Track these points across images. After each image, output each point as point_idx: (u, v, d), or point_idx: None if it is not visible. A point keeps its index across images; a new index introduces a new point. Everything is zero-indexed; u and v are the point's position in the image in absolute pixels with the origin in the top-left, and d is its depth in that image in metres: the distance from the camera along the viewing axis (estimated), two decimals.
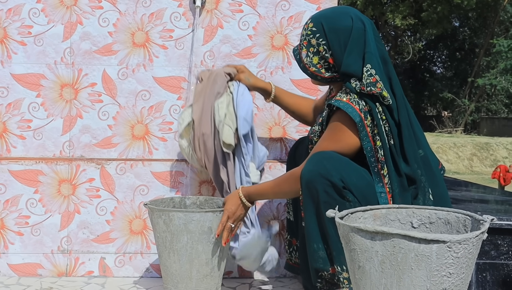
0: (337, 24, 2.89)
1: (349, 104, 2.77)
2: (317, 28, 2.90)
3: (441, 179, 2.96)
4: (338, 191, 2.67)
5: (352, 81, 2.81)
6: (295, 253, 3.32)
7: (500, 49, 31.82)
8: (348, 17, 2.90)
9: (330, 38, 2.88)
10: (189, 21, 3.60)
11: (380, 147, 2.76)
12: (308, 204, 2.76)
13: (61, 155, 3.57)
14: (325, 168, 2.68)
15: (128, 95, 3.59)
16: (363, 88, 2.76)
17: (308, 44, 2.93)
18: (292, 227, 3.31)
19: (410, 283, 2.08)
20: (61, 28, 3.56)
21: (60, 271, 3.57)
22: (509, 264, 3.16)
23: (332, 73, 2.92)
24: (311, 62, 2.94)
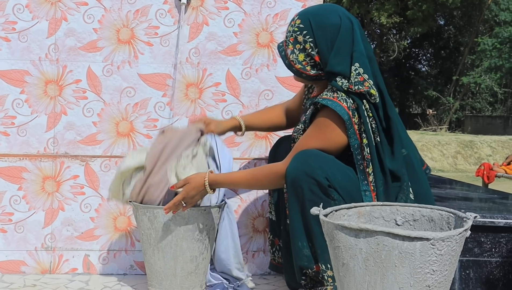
0: (325, 21, 2.87)
1: (337, 102, 2.76)
2: (305, 24, 2.88)
3: (424, 178, 2.96)
4: (323, 190, 2.67)
5: (338, 79, 2.80)
6: (278, 252, 3.31)
7: (484, 48, 31.91)
8: (336, 14, 2.89)
9: (317, 36, 2.86)
10: (174, 18, 3.60)
11: (367, 144, 2.76)
12: (293, 202, 2.75)
13: (45, 152, 3.56)
14: (311, 167, 2.68)
15: (113, 92, 3.58)
16: (351, 86, 2.76)
17: (294, 41, 2.91)
18: (275, 227, 3.31)
19: (394, 280, 2.09)
20: (45, 24, 3.54)
21: (43, 268, 3.56)
22: (492, 261, 3.17)
23: (318, 71, 2.91)
24: (296, 59, 2.91)
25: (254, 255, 3.66)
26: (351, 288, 2.19)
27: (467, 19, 35.48)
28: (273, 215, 3.30)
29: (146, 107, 3.59)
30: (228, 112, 3.61)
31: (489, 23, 35.02)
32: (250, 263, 3.65)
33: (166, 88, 3.60)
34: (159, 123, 3.60)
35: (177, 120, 3.60)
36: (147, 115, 3.60)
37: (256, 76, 3.62)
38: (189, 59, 3.61)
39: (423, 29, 31.08)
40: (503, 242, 3.17)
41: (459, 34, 37.36)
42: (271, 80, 3.63)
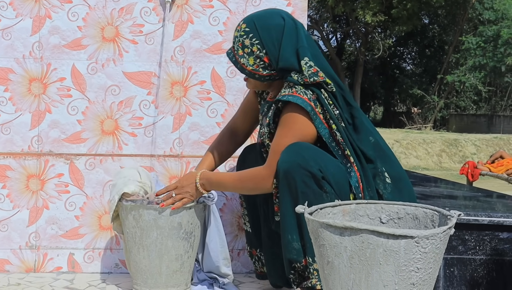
0: (269, 22, 2.94)
1: (297, 95, 2.81)
2: (250, 27, 2.94)
3: (396, 161, 3.00)
4: (317, 181, 2.69)
5: (293, 74, 2.87)
6: (258, 263, 3.32)
7: (469, 46, 32.01)
8: (280, 16, 2.97)
9: (263, 37, 2.92)
10: (159, 16, 3.59)
11: (337, 130, 2.82)
12: (285, 195, 2.77)
13: (29, 150, 3.54)
14: (304, 158, 2.70)
15: (98, 90, 3.57)
16: (306, 79, 2.81)
17: (242, 45, 2.96)
18: (251, 238, 3.32)
19: (379, 278, 2.09)
20: (29, 22, 3.53)
21: (28, 267, 3.55)
22: (476, 259, 3.18)
23: (270, 71, 2.95)
24: (247, 62, 2.96)
25: (239, 253, 3.66)
26: (336, 286, 2.19)
27: (452, 18, 35.59)
28: (247, 226, 3.30)
29: (131, 105, 3.59)
30: (213, 110, 3.61)
31: (473, 22, 35.14)
32: (236, 261, 3.65)
33: (151, 86, 3.60)
34: (144, 121, 3.59)
35: (162, 118, 3.59)
36: (132, 113, 3.59)
37: (241, 75, 3.61)
38: (174, 57, 3.60)
39: (408, 27, 31.17)
40: (487, 240, 3.18)
41: (443, 32, 37.50)
42: None
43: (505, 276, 3.19)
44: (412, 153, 21.30)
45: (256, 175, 2.89)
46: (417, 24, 32.20)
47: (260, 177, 2.86)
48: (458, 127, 32.33)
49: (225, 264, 3.24)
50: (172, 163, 3.61)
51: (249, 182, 2.91)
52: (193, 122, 3.61)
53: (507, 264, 3.19)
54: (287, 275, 2.89)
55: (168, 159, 3.61)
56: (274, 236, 3.03)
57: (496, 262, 3.19)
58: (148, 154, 3.60)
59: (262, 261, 3.28)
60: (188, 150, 3.62)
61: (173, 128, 3.61)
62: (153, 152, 3.59)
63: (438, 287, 3.15)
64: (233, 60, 3.02)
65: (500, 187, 11.57)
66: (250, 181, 2.91)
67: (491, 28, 31.11)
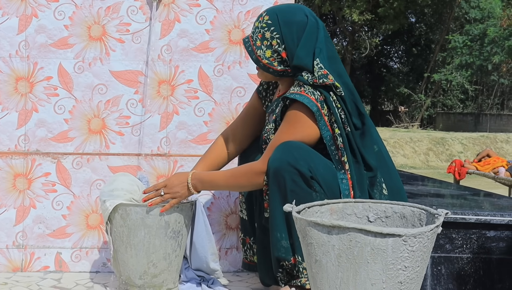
0: (292, 18, 2.94)
1: (304, 95, 2.82)
2: (272, 21, 2.94)
3: (397, 174, 3.02)
4: (306, 181, 2.71)
5: (304, 74, 2.87)
6: (249, 251, 3.33)
7: (455, 45, 32.12)
8: (303, 13, 2.97)
9: (284, 32, 2.92)
10: (146, 15, 3.59)
11: (339, 134, 2.82)
12: (274, 192, 2.78)
13: (16, 149, 3.53)
14: (294, 157, 2.71)
15: (85, 89, 3.56)
16: (316, 80, 2.82)
17: (262, 37, 2.96)
18: (246, 226, 3.32)
19: (366, 277, 2.10)
20: (15, 20, 3.51)
21: (15, 266, 3.54)
22: (464, 257, 3.19)
23: (284, 67, 2.96)
24: (264, 55, 2.96)
25: (227, 252, 3.66)
26: (323, 284, 2.20)
27: (438, 16, 35.70)
28: (244, 213, 3.30)
29: (118, 104, 3.58)
30: (200, 109, 3.60)
31: (459, 20, 35.28)
32: (223, 260, 3.65)
33: (138, 85, 3.59)
34: (131, 120, 3.58)
35: (149, 117, 3.59)
36: (119, 112, 3.58)
37: (228, 73, 3.62)
38: (161, 56, 3.60)
39: (395, 26, 31.22)
40: (474, 238, 3.19)
41: (430, 31, 37.59)
42: (243, 77, 3.63)
43: (492, 274, 3.20)
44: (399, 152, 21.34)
45: (249, 170, 2.90)
46: (403, 23, 32.26)
47: (253, 172, 2.87)
48: (445, 126, 32.42)
49: (213, 259, 3.24)
50: (160, 162, 3.61)
51: (242, 177, 2.92)
52: (180, 121, 3.61)
53: (494, 262, 3.20)
54: (275, 273, 2.89)
55: (156, 158, 3.61)
56: (266, 230, 3.03)
57: (483, 260, 3.20)
58: (136, 153, 3.60)
59: (253, 249, 3.28)
60: (175, 149, 3.62)
61: (160, 127, 3.61)
62: (141, 151, 3.59)
63: (426, 286, 3.16)
64: (249, 50, 3.02)
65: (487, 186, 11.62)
66: (243, 176, 2.91)
67: (477, 27, 31.24)
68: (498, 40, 29.70)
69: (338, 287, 2.15)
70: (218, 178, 3.00)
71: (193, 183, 3.00)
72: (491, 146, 22.04)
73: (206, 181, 3.01)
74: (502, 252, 3.21)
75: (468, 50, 31.68)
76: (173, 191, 3.01)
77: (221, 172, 3.07)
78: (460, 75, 32.37)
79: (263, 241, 3.07)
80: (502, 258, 3.20)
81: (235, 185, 2.98)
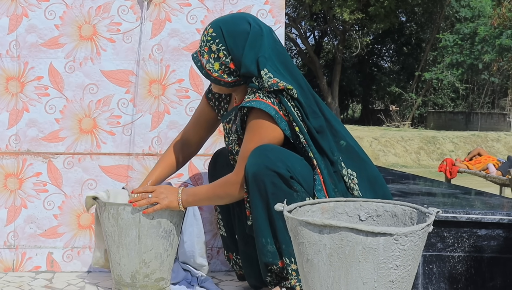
0: (235, 28, 2.94)
1: (260, 100, 2.82)
2: (217, 33, 2.94)
3: (371, 164, 3.01)
4: (286, 182, 2.71)
5: (254, 80, 2.88)
6: (236, 266, 3.34)
7: (446, 44, 32.16)
8: (246, 21, 2.96)
9: (228, 43, 2.92)
10: (136, 15, 3.59)
11: (299, 132, 2.82)
12: (255, 198, 2.77)
13: (7, 149, 3.53)
14: (270, 160, 2.72)
15: (76, 89, 3.56)
16: (266, 89, 2.82)
17: (209, 50, 2.96)
18: (227, 243, 3.34)
19: (358, 276, 2.10)
20: (6, 20, 3.51)
21: (6, 267, 3.54)
22: (455, 256, 3.20)
23: (235, 78, 2.97)
24: (213, 68, 2.96)
25: (218, 251, 3.66)
26: (315, 284, 2.20)
27: (428, 15, 35.73)
28: (223, 231, 3.32)
29: (109, 103, 3.58)
30: (191, 109, 3.61)
31: (450, 19, 35.32)
32: (215, 259, 3.66)
33: (129, 84, 3.59)
34: (122, 119, 3.58)
35: (141, 116, 3.59)
36: (110, 111, 3.58)
37: None
38: (152, 55, 3.60)
39: (385, 25, 31.25)
40: (465, 237, 3.20)
41: (420, 30, 37.64)
42: None
43: (484, 273, 3.21)
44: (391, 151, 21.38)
45: (225, 182, 2.91)
46: (394, 22, 32.27)
47: (229, 183, 2.88)
48: (436, 125, 32.48)
49: (201, 254, 3.24)
50: (151, 161, 3.61)
51: (220, 189, 2.93)
52: (171, 121, 3.62)
53: (485, 261, 3.21)
54: (264, 277, 2.90)
55: (147, 158, 3.61)
56: (249, 239, 3.03)
57: (475, 259, 3.21)
58: (127, 153, 3.59)
59: (239, 264, 3.29)
60: (166, 148, 3.61)
61: (151, 126, 3.61)
62: (132, 151, 3.59)
63: (417, 284, 3.17)
64: (198, 65, 3.02)
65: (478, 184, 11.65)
66: (220, 188, 2.92)
67: (468, 26, 31.28)
68: (489, 39, 29.76)
69: (330, 286, 2.15)
70: (200, 191, 3.00)
71: (182, 197, 2.99)
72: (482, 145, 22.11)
73: (190, 195, 3.00)
74: (493, 250, 3.21)
75: (458, 49, 31.73)
76: (162, 197, 3.00)
77: (204, 186, 3.06)
78: (451, 74, 32.42)
79: (246, 250, 3.09)
80: (493, 257, 3.21)
81: (214, 197, 2.98)
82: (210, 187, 2.99)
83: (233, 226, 3.23)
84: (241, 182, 2.82)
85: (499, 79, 33.71)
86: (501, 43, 28.60)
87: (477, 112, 33.96)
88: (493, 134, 24.25)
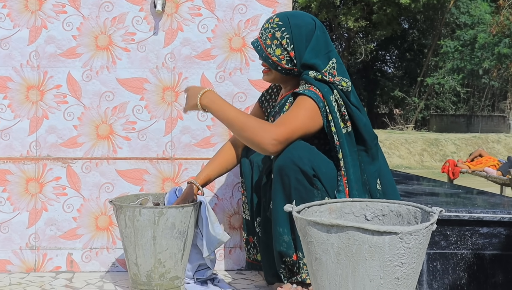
0: (302, 21, 3.00)
1: (313, 90, 2.85)
2: (283, 22, 2.99)
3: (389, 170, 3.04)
4: (308, 179, 2.74)
5: (310, 72, 2.91)
6: (253, 250, 3.33)
7: (447, 50, 32.10)
8: (310, 18, 3.05)
9: (294, 33, 2.96)
10: (150, 25, 3.59)
11: (335, 132, 2.83)
12: (278, 189, 2.80)
13: (28, 155, 3.54)
14: (298, 156, 2.75)
15: (93, 96, 3.57)
16: (325, 73, 2.88)
17: (272, 37, 2.99)
18: (249, 226, 3.32)
19: (365, 273, 2.10)
20: (26, 32, 3.52)
21: (28, 267, 3.54)
22: (458, 253, 3.19)
23: (292, 66, 2.98)
24: (273, 53, 2.99)
25: (230, 251, 3.66)
26: (324, 281, 2.20)
27: (430, 22, 35.69)
28: (247, 214, 3.31)
29: (125, 110, 3.59)
30: (203, 114, 3.61)
31: (450, 26, 35.26)
32: (227, 258, 3.66)
33: (144, 92, 3.60)
34: (137, 125, 3.59)
35: (155, 122, 3.60)
36: (125, 118, 3.59)
37: (229, 79, 3.62)
38: (165, 63, 3.61)
39: (388, 32, 31.24)
40: (468, 235, 3.20)
41: (422, 37, 37.60)
42: (244, 82, 3.64)
43: (486, 269, 3.21)
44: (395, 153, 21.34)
45: (261, 127, 2.81)
46: (397, 29, 32.27)
47: (264, 131, 2.79)
48: (438, 127, 32.41)
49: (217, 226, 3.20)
50: (165, 165, 3.61)
51: (250, 124, 2.83)
52: (184, 126, 3.62)
53: (487, 258, 3.21)
54: (278, 269, 2.91)
55: (161, 162, 3.61)
56: (267, 227, 3.02)
57: (477, 256, 3.21)
58: (142, 157, 3.60)
59: (257, 248, 3.28)
60: (180, 152, 3.62)
61: (165, 131, 3.61)
62: (147, 155, 3.59)
63: (422, 281, 3.16)
64: (258, 49, 3.04)
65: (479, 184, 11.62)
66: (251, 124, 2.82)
67: (468, 32, 31.20)
68: (488, 46, 29.67)
69: (338, 283, 2.15)
70: (229, 108, 2.90)
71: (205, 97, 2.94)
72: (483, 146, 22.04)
73: (217, 103, 2.92)
74: (495, 247, 3.21)
75: (459, 55, 31.66)
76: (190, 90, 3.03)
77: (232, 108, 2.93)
78: (452, 79, 32.35)
79: (265, 241, 3.07)
80: (494, 254, 3.21)
81: (239, 126, 2.85)
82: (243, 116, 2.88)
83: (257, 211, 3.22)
84: (274, 142, 2.76)
85: (498, 82, 33.63)
86: (500, 50, 28.51)
87: (477, 115, 33.88)
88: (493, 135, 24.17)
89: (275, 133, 2.77)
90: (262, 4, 3.63)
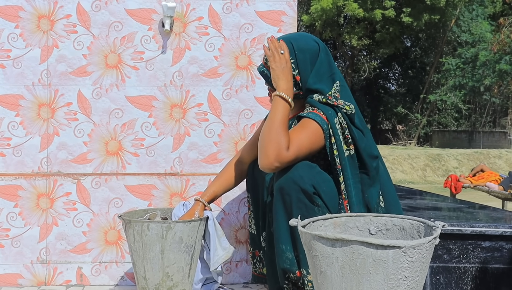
0: (305, 45, 2.95)
1: (317, 113, 2.83)
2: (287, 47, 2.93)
3: (393, 186, 3.02)
4: (309, 197, 2.72)
5: (315, 96, 2.89)
6: (259, 263, 3.33)
7: (449, 67, 32.07)
8: (313, 40, 3.00)
9: (298, 57, 2.92)
10: (158, 44, 3.61)
11: (337, 156, 2.80)
12: (280, 208, 2.79)
13: (39, 171, 3.55)
14: (299, 175, 2.72)
15: (102, 114, 3.58)
16: (330, 97, 2.85)
17: None
18: (255, 240, 3.31)
19: (369, 287, 2.10)
20: (38, 51, 3.54)
21: (39, 281, 3.55)
22: (461, 267, 3.19)
23: (297, 90, 2.95)
24: None
25: (237, 265, 3.66)
26: None
27: (432, 40, 35.70)
28: (253, 228, 3.31)
29: (134, 127, 3.60)
30: (210, 131, 3.62)
31: (452, 44, 35.24)
32: (234, 272, 3.66)
33: (152, 109, 3.61)
34: (146, 141, 3.60)
35: (163, 138, 3.61)
36: (134, 134, 3.60)
37: (236, 97, 3.64)
38: (173, 81, 3.62)
39: (391, 50, 31.25)
40: (470, 249, 3.19)
41: (424, 54, 37.58)
42: (250, 100, 3.65)
43: (488, 283, 3.20)
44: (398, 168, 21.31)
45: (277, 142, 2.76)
46: (399, 47, 32.27)
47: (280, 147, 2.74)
48: (441, 143, 32.33)
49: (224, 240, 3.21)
50: (173, 180, 3.62)
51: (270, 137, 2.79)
52: (191, 142, 3.63)
53: (489, 272, 3.20)
54: (281, 284, 2.89)
55: (169, 177, 3.62)
56: (272, 242, 3.02)
57: (479, 270, 3.20)
58: (150, 173, 3.61)
59: (263, 262, 3.27)
60: (187, 168, 3.63)
61: (173, 147, 3.62)
62: (155, 171, 3.60)
63: None
64: (264, 74, 3.01)
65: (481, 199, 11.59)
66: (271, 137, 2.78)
67: (469, 51, 31.19)
68: (489, 63, 29.65)
69: None
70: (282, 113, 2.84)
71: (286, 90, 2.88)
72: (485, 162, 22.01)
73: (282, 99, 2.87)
74: (497, 261, 3.20)
75: (461, 72, 31.62)
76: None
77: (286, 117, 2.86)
78: (454, 96, 32.31)
79: (270, 255, 3.07)
80: (497, 267, 3.20)
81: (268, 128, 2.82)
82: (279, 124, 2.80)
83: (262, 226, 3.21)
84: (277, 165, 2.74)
85: (499, 99, 33.60)
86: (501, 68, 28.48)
87: (479, 131, 33.82)
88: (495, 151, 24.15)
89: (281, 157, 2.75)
90: (268, 24, 3.65)
